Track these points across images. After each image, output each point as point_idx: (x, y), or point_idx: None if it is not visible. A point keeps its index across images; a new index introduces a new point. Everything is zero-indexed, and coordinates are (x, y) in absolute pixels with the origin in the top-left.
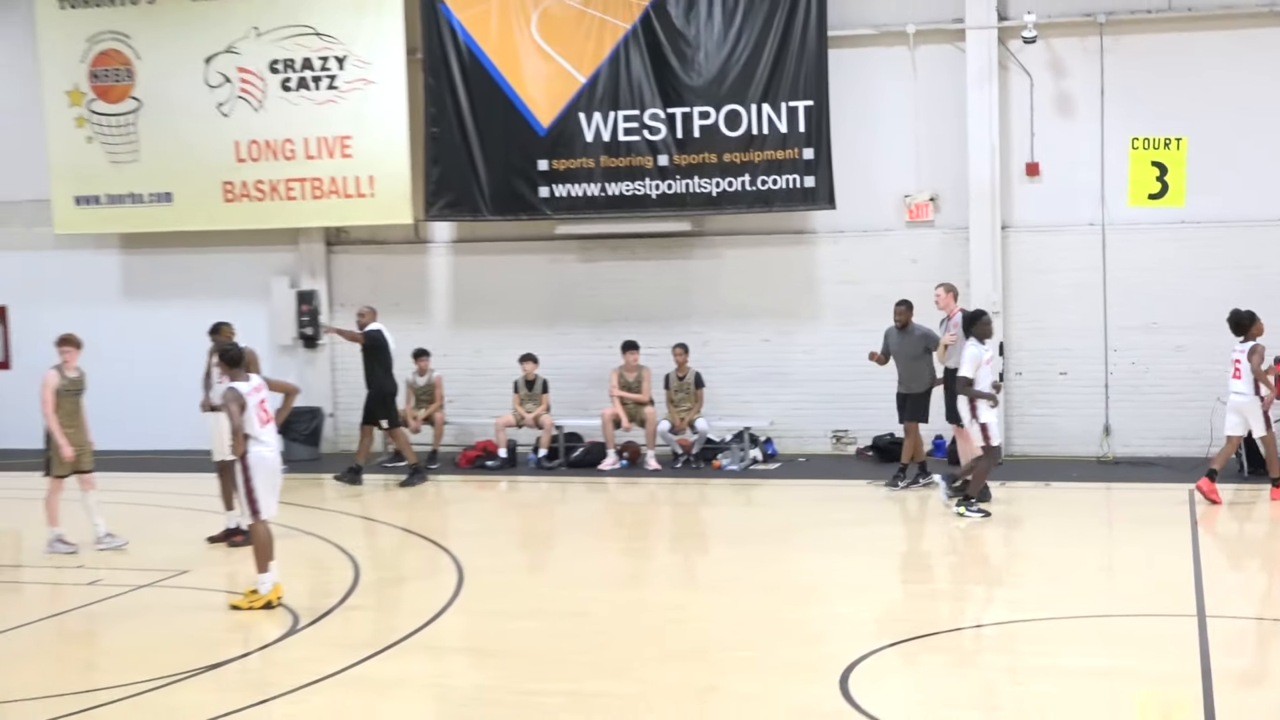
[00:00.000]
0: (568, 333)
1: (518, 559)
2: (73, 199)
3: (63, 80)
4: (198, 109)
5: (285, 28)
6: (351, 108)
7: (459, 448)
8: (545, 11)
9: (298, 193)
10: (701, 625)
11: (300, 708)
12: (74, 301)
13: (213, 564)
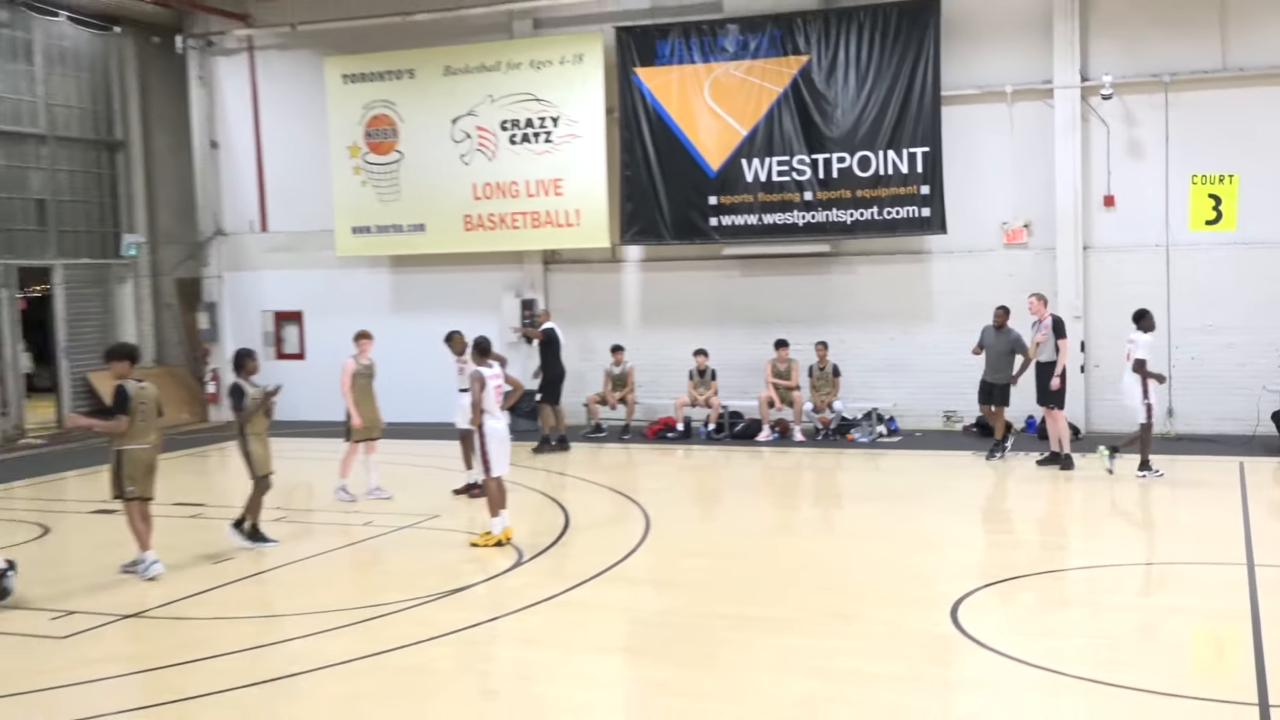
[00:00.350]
0: (731, 332)
1: (692, 510)
2: (350, 229)
3: (345, 138)
4: (445, 159)
5: (513, 95)
6: (563, 157)
7: (646, 422)
8: (715, 80)
9: (521, 224)
10: (839, 565)
11: (524, 624)
12: (352, 309)
13: (456, 511)
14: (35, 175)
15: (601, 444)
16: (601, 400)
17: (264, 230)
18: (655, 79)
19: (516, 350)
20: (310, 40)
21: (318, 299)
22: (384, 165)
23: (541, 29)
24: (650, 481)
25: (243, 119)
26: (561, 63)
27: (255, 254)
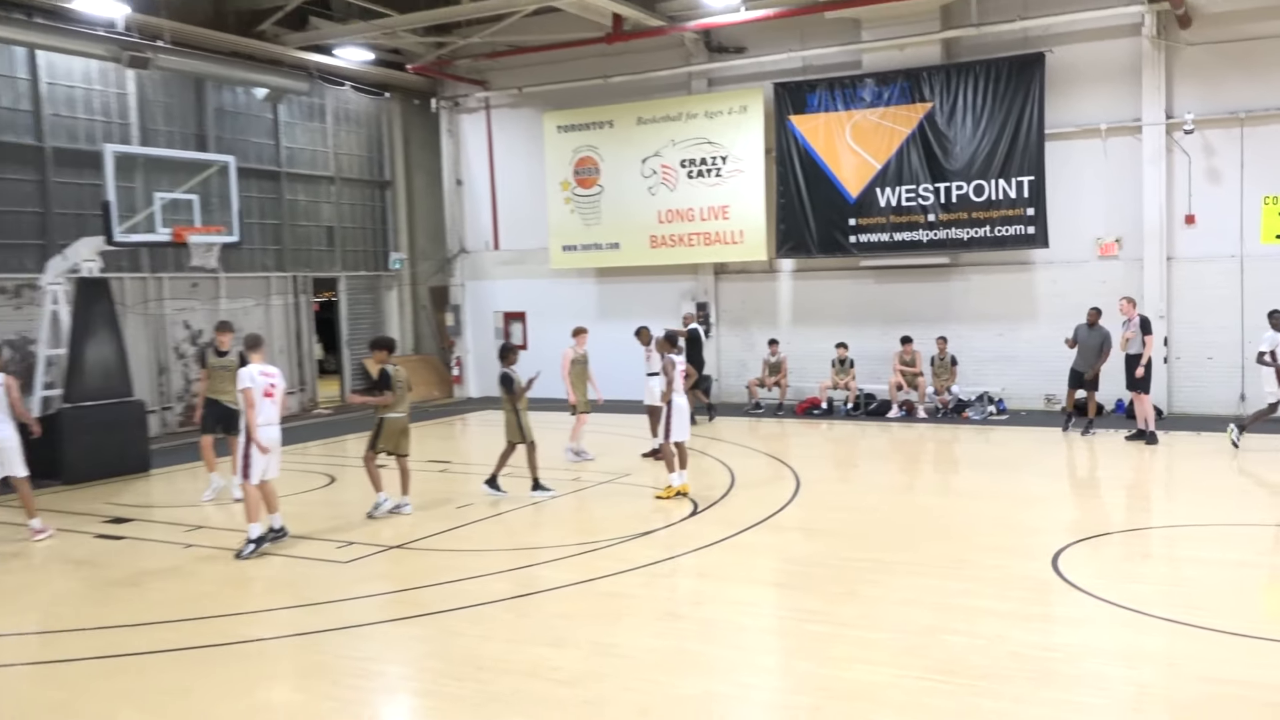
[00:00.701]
0: (866, 329)
1: (833, 473)
2: (561, 247)
3: (558, 176)
4: (636, 191)
5: (691, 139)
6: (730, 188)
7: (796, 401)
8: (854, 124)
9: (696, 242)
10: (955, 519)
11: (698, 561)
12: (563, 310)
13: (644, 470)
14: (326, 208)
15: (760, 419)
16: (760, 383)
17: (496, 248)
18: (805, 124)
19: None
20: (533, 100)
21: (537, 302)
22: (588, 196)
23: (714, 86)
24: (800, 449)
25: (480, 162)
26: (730, 113)
27: (489, 267)
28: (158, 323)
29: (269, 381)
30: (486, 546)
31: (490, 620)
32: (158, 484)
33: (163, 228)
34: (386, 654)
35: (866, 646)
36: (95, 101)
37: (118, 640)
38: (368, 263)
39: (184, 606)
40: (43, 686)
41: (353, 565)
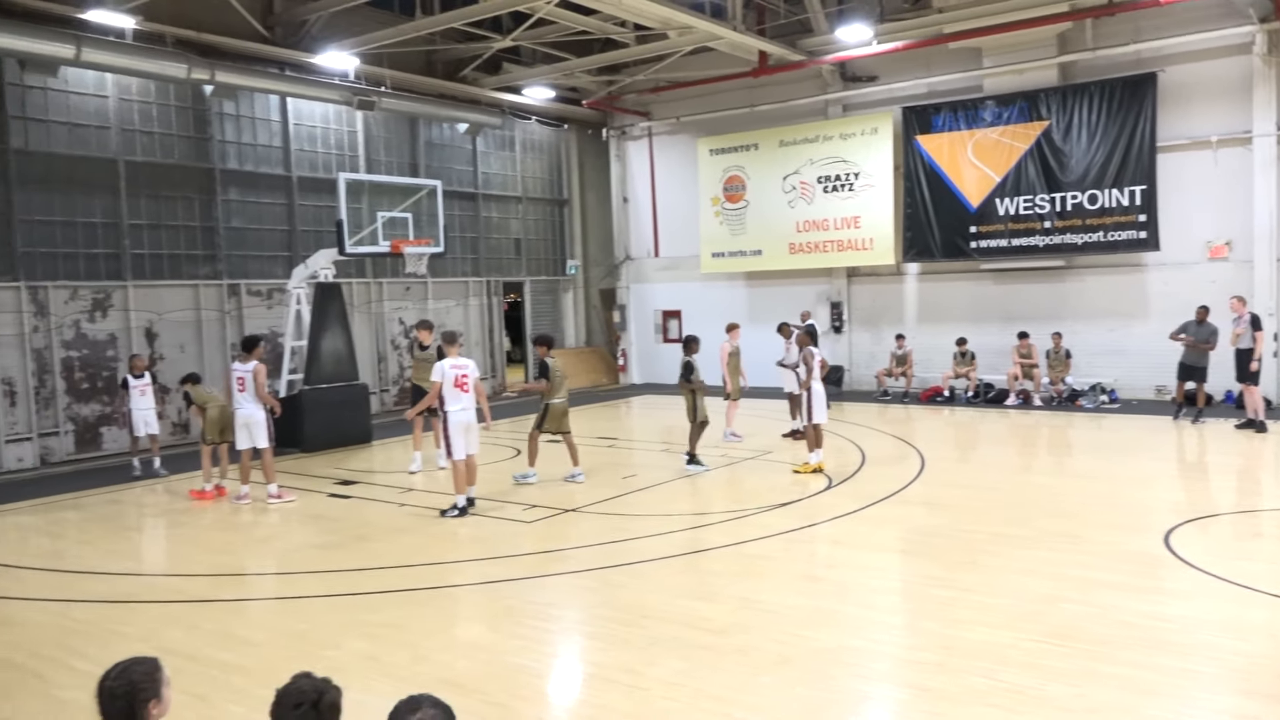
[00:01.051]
0: (985, 325)
1: (955, 453)
2: (710, 254)
3: (709, 192)
4: (777, 204)
5: (827, 158)
6: (861, 200)
7: (920, 390)
8: (976, 141)
9: (830, 249)
10: (1069, 498)
11: (832, 530)
12: (713, 309)
13: (785, 449)
14: (514, 223)
15: (887, 405)
16: (888, 373)
17: (656, 255)
18: (930, 143)
19: (827, 338)
20: (689, 127)
21: (690, 302)
22: (735, 210)
23: (848, 111)
24: (924, 432)
25: (643, 182)
26: (862, 134)
27: (650, 271)
28: (378, 320)
29: (458, 373)
30: (647, 512)
31: (650, 576)
32: (377, 453)
33: (383, 241)
34: (562, 601)
35: (986, 610)
36: (331, 138)
37: (345, 582)
38: (548, 269)
39: (397, 555)
40: (287, 618)
41: (534, 525)
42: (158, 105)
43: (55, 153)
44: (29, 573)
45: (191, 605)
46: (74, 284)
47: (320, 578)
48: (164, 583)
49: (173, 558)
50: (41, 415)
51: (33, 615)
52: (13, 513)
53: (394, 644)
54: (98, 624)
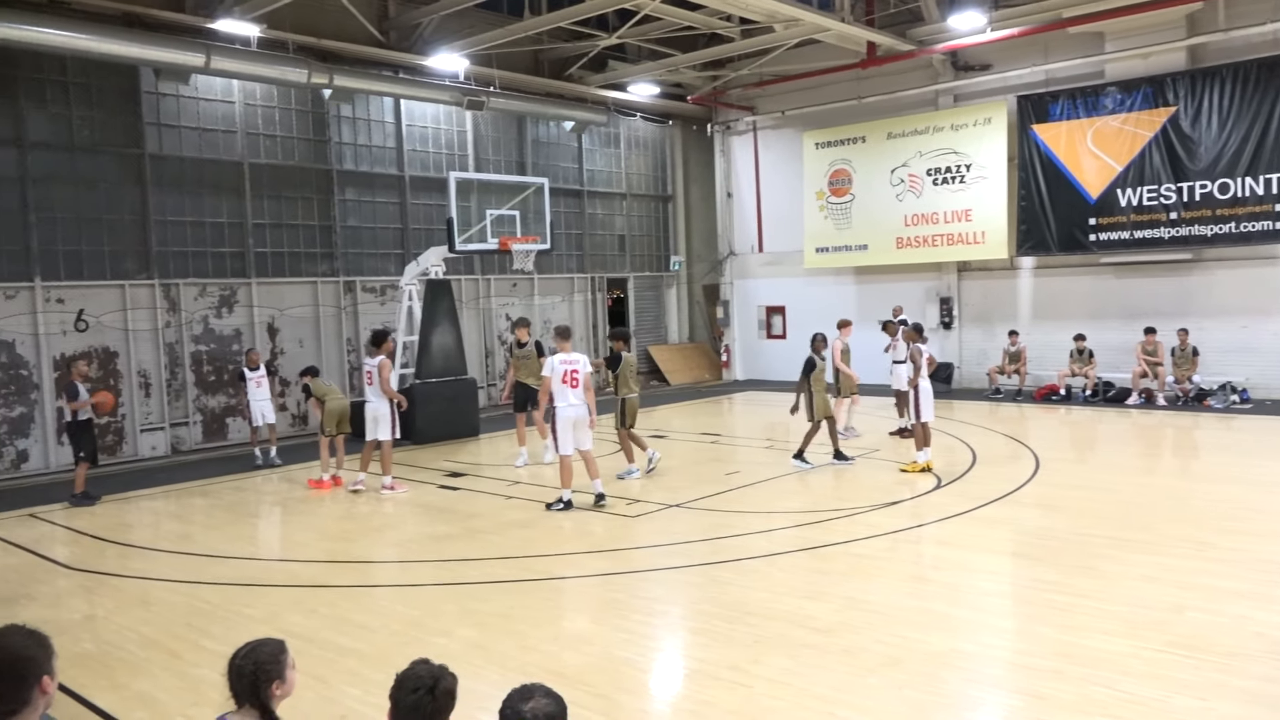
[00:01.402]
0: (1104, 321)
1: (1072, 454)
2: (814, 249)
3: (814, 186)
4: (885, 197)
5: (937, 150)
6: (973, 193)
7: (1034, 388)
8: (1096, 130)
9: (940, 243)
10: (1197, 502)
11: (941, 530)
12: (817, 306)
13: (892, 447)
14: (618, 219)
15: (999, 403)
16: (1000, 370)
17: (760, 251)
18: (1047, 132)
19: (936, 334)
20: (794, 121)
21: (795, 297)
22: (840, 204)
23: (960, 101)
24: (1038, 431)
25: (748, 177)
26: (974, 125)
27: (754, 267)
28: (485, 316)
29: (568, 368)
30: (752, 509)
31: (754, 572)
32: (484, 446)
33: (491, 238)
34: (667, 596)
35: (1105, 618)
36: (442, 138)
37: (456, 571)
38: (651, 265)
39: (505, 547)
40: (400, 605)
41: (639, 520)
42: (279, 110)
43: (186, 156)
44: (162, 555)
45: (310, 590)
46: (203, 281)
47: (432, 566)
48: (284, 568)
49: (292, 544)
50: (172, 406)
51: (166, 595)
52: (147, 498)
53: (502, 633)
54: (224, 605)
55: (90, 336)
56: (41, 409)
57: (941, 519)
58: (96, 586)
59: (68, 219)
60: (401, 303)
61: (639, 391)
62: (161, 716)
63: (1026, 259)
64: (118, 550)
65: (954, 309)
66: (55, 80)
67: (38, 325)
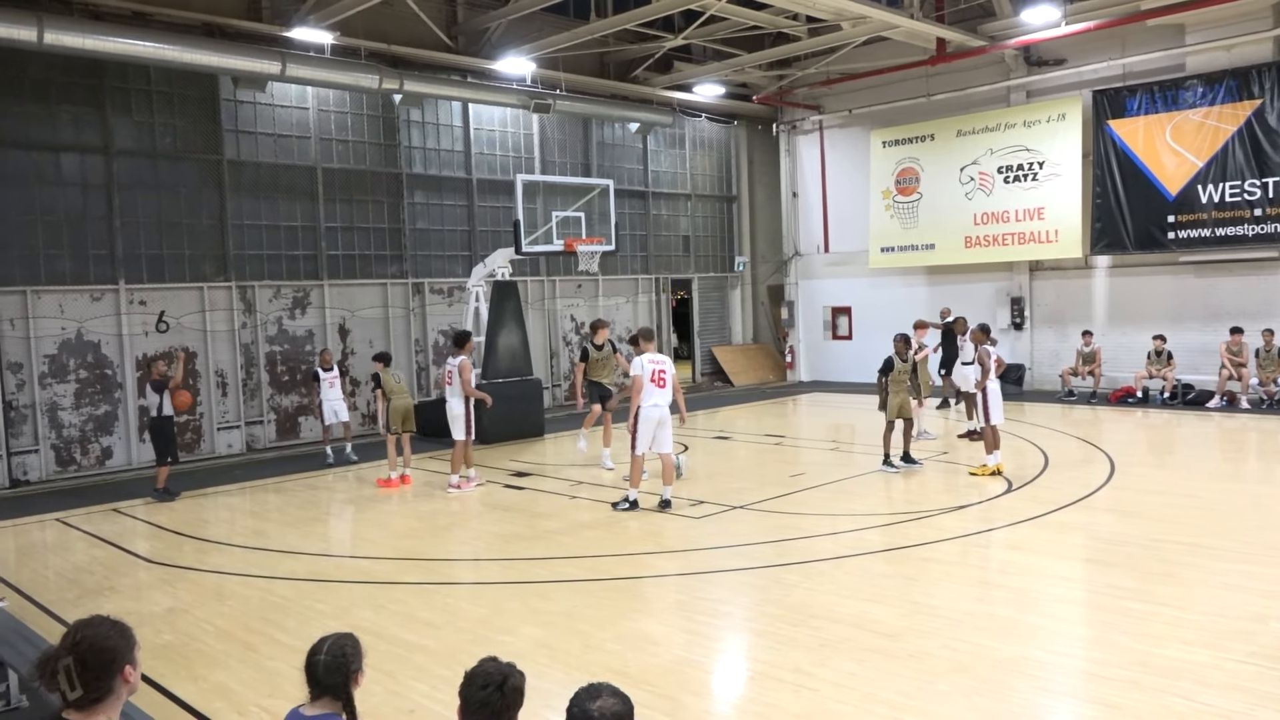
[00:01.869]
0: (1184, 322)
1: (1149, 458)
2: (879, 249)
3: (880, 185)
4: (953, 196)
5: (1008, 147)
6: (1045, 191)
7: (1109, 390)
8: (1175, 125)
9: (1011, 242)
10: None
11: (1011, 535)
12: (884, 307)
13: (961, 450)
14: (683, 220)
15: (1072, 405)
16: (1073, 372)
17: (826, 251)
18: (1124, 128)
19: (1006, 335)
20: (861, 120)
21: (861, 298)
22: (907, 203)
23: (1032, 98)
24: (1114, 435)
25: (813, 176)
26: (1048, 121)
27: (819, 267)
28: (550, 317)
29: (656, 368)
30: (816, 511)
31: (819, 575)
32: (549, 446)
33: (557, 239)
34: (732, 598)
35: (1185, 627)
36: (509, 141)
37: (521, 570)
38: (716, 265)
39: (570, 546)
40: (466, 602)
41: (703, 521)
42: (351, 115)
43: (262, 162)
44: (238, 550)
45: (379, 586)
46: (277, 283)
47: (497, 565)
48: (354, 564)
49: (362, 541)
50: (248, 405)
51: (242, 590)
52: (224, 494)
53: (566, 632)
54: (297, 600)
55: (170, 337)
56: (125, 407)
57: (1012, 523)
58: (176, 580)
59: (150, 223)
60: (469, 304)
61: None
62: (238, 707)
63: (1101, 258)
64: (195, 545)
65: (1025, 309)
66: (139, 89)
67: (121, 326)
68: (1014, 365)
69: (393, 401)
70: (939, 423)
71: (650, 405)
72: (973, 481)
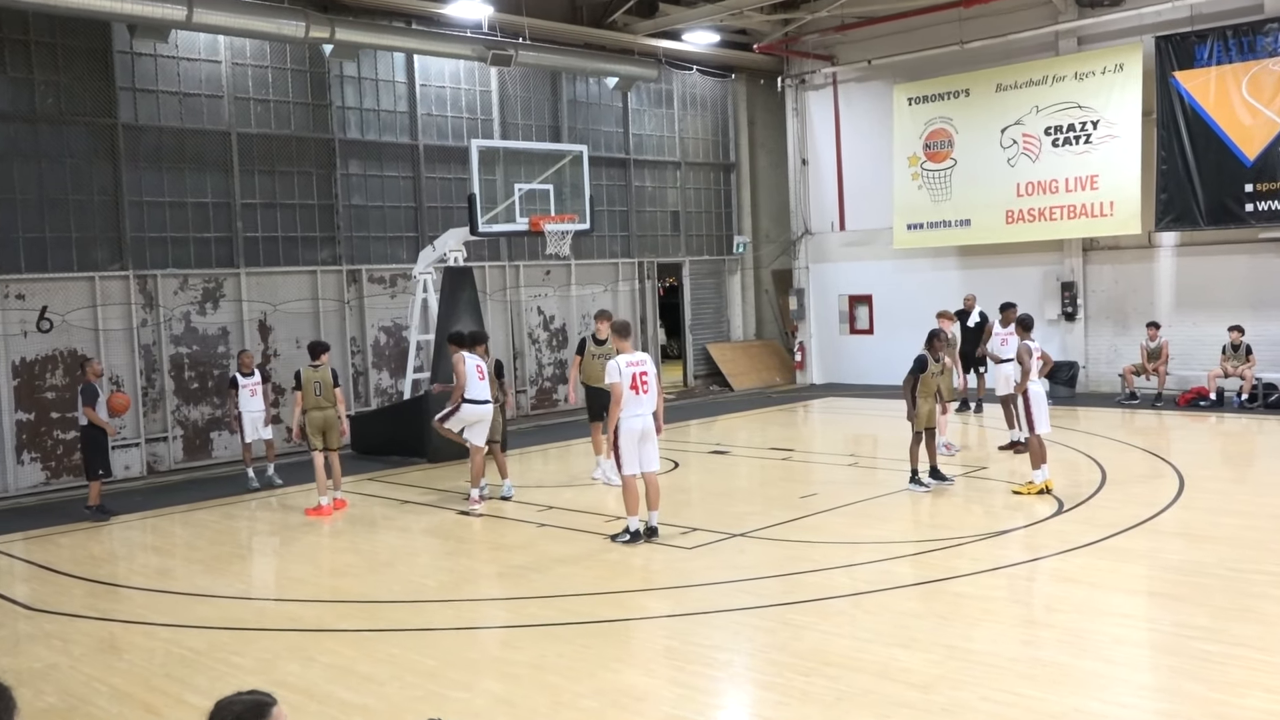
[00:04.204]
0: (1267, 310)
1: (1225, 472)
2: (906, 225)
3: (906, 150)
4: (993, 163)
5: (1057, 104)
6: (1100, 155)
7: (1178, 392)
8: (1253, 77)
9: (1060, 216)
10: None
11: (1062, 565)
12: (911, 295)
13: (1000, 463)
14: (671, 193)
15: (1134, 410)
16: (1136, 371)
17: (841, 229)
18: (1192, 80)
19: (1055, 327)
20: (882, 72)
21: (884, 284)
22: (938, 171)
23: (1085, 45)
24: (1183, 444)
25: (826, 140)
26: (1103, 73)
27: (834, 248)
28: (514, 309)
29: (636, 370)
30: (832, 539)
31: (836, 615)
32: (512, 465)
33: (520, 217)
34: (731, 643)
35: (1269, 672)
36: (462, 100)
37: (480, 613)
38: (711, 247)
39: (539, 583)
40: (414, 653)
41: (696, 552)
42: (273, 70)
43: (165, 126)
44: (138, 594)
45: (308, 635)
46: (184, 272)
47: (452, 607)
48: (278, 609)
49: (288, 581)
50: (149, 418)
51: (142, 641)
52: (120, 526)
53: (534, 686)
54: (210, 653)
55: (54, 338)
56: (0, 422)
57: (1063, 551)
58: (62, 630)
59: (29, 201)
60: (415, 295)
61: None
62: None
63: (1167, 235)
64: (86, 588)
65: (1078, 297)
66: (15, 40)
67: None
68: (1065, 363)
69: (309, 414)
70: (957, 430)
71: (632, 416)
72: (1016, 502)
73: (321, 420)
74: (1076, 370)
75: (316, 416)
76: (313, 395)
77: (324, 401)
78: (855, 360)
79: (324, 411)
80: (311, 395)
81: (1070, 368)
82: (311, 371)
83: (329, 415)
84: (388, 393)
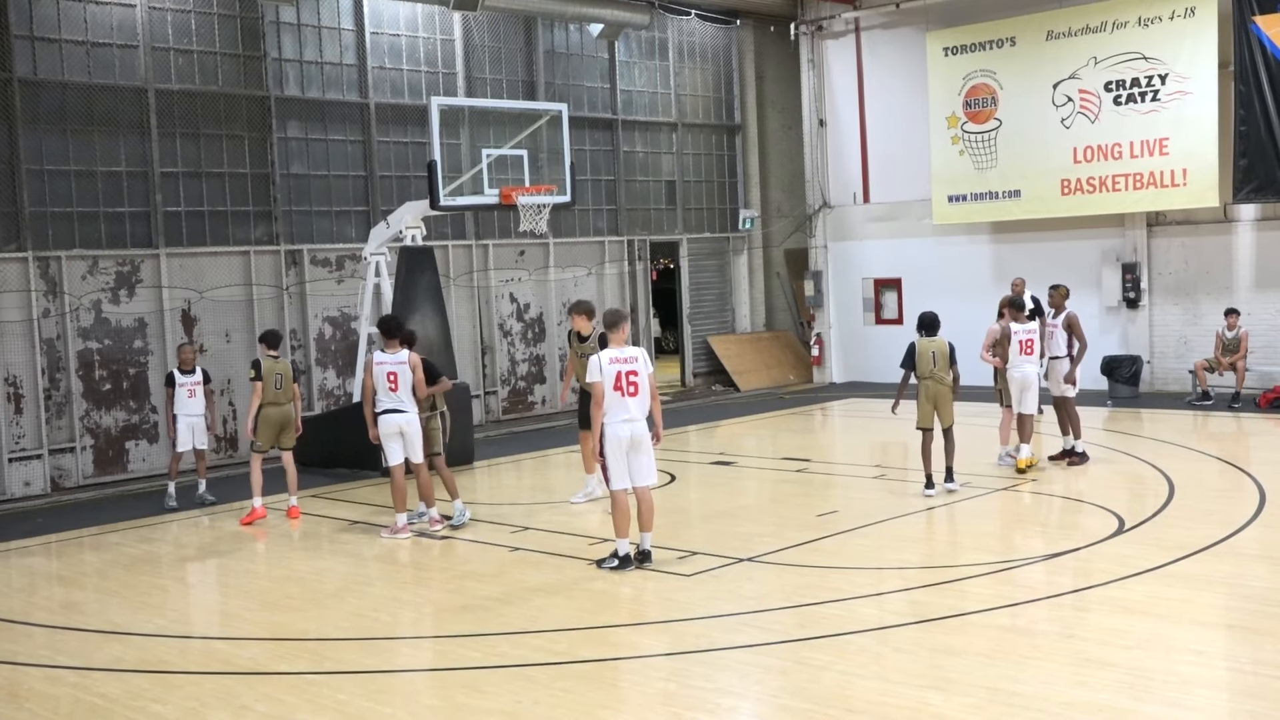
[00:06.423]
0: None
1: None
2: (946, 197)
3: (944, 109)
4: (1045, 124)
5: (1118, 55)
6: (1170, 115)
7: (1259, 390)
8: None
9: (1122, 185)
10: None
11: (1124, 593)
12: (949, 278)
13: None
14: (666, 159)
15: (1208, 412)
16: (1210, 366)
17: (866, 201)
18: (1276, 27)
19: (1116, 315)
20: (913, 17)
21: (917, 266)
22: (982, 133)
23: None
24: (1265, 452)
25: (848, 97)
26: (1172, 18)
27: (857, 224)
28: (481, 295)
29: (623, 369)
30: (854, 563)
31: (859, 652)
32: (481, 478)
33: (490, 189)
34: (736, 686)
35: None
36: (420, 51)
37: (444, 652)
38: (713, 223)
39: (512, 618)
40: (365, 699)
41: (696, 579)
42: (197, 15)
43: (70, 81)
44: (40, 631)
45: (242, 678)
46: (93, 253)
47: (410, 645)
48: (206, 648)
49: (219, 615)
50: (53, 426)
51: (45, 687)
52: (19, 552)
53: None
54: (125, 701)
55: None
56: None
57: (1124, 577)
58: None
59: None
60: (366, 279)
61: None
62: None
63: (1247, 207)
64: None
65: (1142, 280)
66: None
67: None
68: (1126, 358)
69: (265, 409)
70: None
71: (618, 421)
72: (1070, 523)
73: (279, 417)
74: (1140, 365)
75: (274, 413)
76: (272, 389)
77: (282, 397)
78: (882, 355)
79: (281, 408)
80: (271, 389)
81: (1133, 363)
82: (272, 363)
83: (286, 412)
84: (334, 394)
